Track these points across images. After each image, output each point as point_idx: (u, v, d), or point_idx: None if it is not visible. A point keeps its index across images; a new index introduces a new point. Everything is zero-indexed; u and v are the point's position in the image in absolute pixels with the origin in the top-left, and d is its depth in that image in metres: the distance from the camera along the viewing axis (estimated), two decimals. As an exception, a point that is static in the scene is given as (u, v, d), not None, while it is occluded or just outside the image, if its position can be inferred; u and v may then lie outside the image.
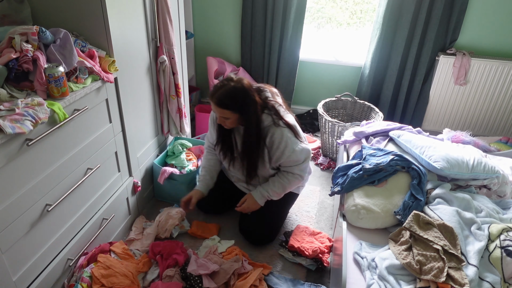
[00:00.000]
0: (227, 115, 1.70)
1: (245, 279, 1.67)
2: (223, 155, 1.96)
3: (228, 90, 1.67)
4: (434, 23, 2.71)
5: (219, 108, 1.69)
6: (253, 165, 1.85)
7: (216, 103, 1.68)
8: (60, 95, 1.33)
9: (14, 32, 1.28)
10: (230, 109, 1.68)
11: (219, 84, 1.70)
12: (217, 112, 1.72)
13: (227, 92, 1.66)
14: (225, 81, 1.70)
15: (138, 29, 1.82)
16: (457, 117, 3.04)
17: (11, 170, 1.19)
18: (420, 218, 1.41)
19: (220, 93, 1.67)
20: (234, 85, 1.67)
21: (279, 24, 2.94)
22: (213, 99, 1.69)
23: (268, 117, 1.77)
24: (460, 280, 1.20)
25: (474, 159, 1.67)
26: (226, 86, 1.67)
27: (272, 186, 1.89)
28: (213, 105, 1.70)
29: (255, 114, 1.72)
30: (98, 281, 1.52)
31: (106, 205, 1.77)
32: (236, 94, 1.67)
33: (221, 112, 1.70)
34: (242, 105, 1.68)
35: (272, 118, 1.77)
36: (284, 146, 1.76)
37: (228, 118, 1.72)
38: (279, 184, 1.88)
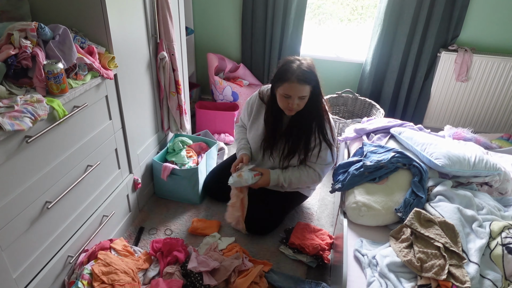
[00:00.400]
0: (306, 92, 1.69)
1: (246, 276, 1.67)
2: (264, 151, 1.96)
3: (306, 66, 1.68)
4: (435, 19, 2.69)
5: (301, 85, 1.65)
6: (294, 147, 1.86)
7: (299, 80, 1.65)
8: (60, 92, 1.32)
9: (13, 28, 1.27)
10: (310, 84, 1.68)
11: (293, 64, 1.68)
12: (297, 91, 1.67)
13: (306, 68, 1.67)
14: (296, 60, 1.70)
15: (138, 25, 1.81)
16: (458, 114, 3.03)
17: (11, 168, 1.18)
18: (421, 215, 1.41)
19: (301, 71, 1.65)
20: (308, 62, 1.71)
21: (279, 20, 2.93)
22: (293, 78, 1.65)
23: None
24: (461, 278, 1.20)
25: (475, 156, 1.66)
26: (300, 64, 1.68)
27: (290, 174, 1.91)
28: (293, 85, 1.65)
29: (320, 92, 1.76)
30: (99, 278, 1.52)
31: (106, 202, 1.77)
32: (312, 69, 1.70)
33: (301, 90, 1.67)
34: (316, 80, 1.72)
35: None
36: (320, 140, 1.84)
37: (304, 97, 1.70)
38: (297, 174, 1.92)
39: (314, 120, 1.82)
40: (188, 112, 2.45)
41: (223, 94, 3.07)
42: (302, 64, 1.68)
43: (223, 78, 3.13)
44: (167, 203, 2.25)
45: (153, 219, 2.12)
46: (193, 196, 2.22)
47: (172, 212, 2.19)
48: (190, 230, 2.03)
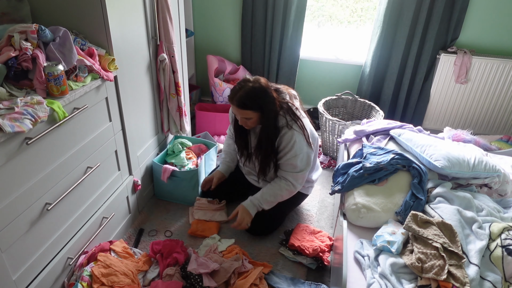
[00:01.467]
0: (249, 115, 1.74)
1: (246, 278, 1.67)
2: (240, 152, 2.03)
3: (247, 91, 1.70)
4: (435, 21, 2.70)
5: (240, 109, 1.72)
6: (265, 163, 1.88)
7: (237, 105, 1.71)
8: (60, 94, 1.32)
9: (13, 30, 1.27)
10: (252, 109, 1.72)
11: (237, 86, 1.74)
12: (238, 114, 1.76)
13: (247, 93, 1.70)
14: (242, 82, 1.74)
15: (138, 27, 1.82)
16: (458, 116, 3.04)
17: (11, 169, 1.18)
18: (418, 218, 1.40)
19: (240, 95, 1.70)
20: (253, 85, 1.71)
21: (279, 22, 2.94)
22: (233, 102, 1.72)
23: (282, 118, 1.80)
24: (461, 279, 1.20)
25: (475, 158, 1.66)
26: (244, 87, 1.71)
27: (262, 194, 1.90)
28: (234, 108, 1.74)
29: (274, 112, 1.77)
30: (98, 280, 1.52)
31: (106, 204, 1.77)
32: (256, 94, 1.71)
33: (242, 113, 1.74)
34: (263, 103, 1.72)
35: (286, 120, 1.79)
36: (289, 149, 1.78)
37: (250, 118, 1.76)
38: (270, 191, 1.89)
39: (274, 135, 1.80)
40: (188, 114, 2.45)
41: (223, 96, 3.08)
42: (244, 88, 1.70)
43: (223, 80, 3.13)
44: (167, 205, 2.25)
45: (153, 221, 2.12)
46: (193, 197, 2.22)
47: (171, 213, 2.19)
48: (190, 231, 2.03)
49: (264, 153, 1.85)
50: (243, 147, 1.99)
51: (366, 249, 1.44)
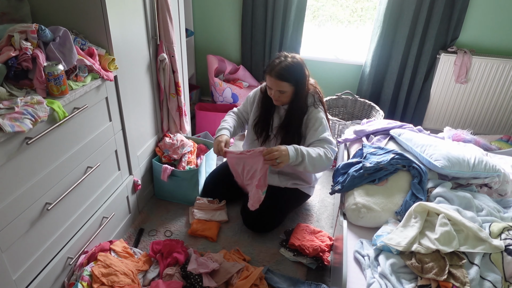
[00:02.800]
0: (285, 88, 1.77)
1: (246, 279, 1.67)
2: (259, 133, 2.01)
3: (288, 64, 1.75)
4: (435, 21, 2.70)
5: (279, 81, 1.75)
6: (288, 140, 1.86)
7: (277, 76, 1.75)
8: (60, 94, 1.32)
9: (14, 30, 1.27)
10: (289, 82, 1.76)
11: (276, 60, 1.78)
12: (275, 86, 1.78)
13: (287, 66, 1.75)
14: (282, 57, 1.79)
15: (138, 27, 1.82)
16: (458, 116, 3.04)
17: (11, 169, 1.18)
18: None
19: (281, 67, 1.75)
20: (292, 60, 1.77)
21: (279, 22, 2.94)
22: (272, 73, 1.76)
23: (311, 97, 1.88)
24: (461, 278, 1.20)
25: (475, 157, 1.66)
26: (284, 61, 1.76)
27: (306, 149, 1.73)
28: (272, 79, 1.77)
29: (306, 89, 1.84)
30: (98, 280, 1.52)
31: (106, 204, 1.77)
32: (295, 68, 1.77)
33: (279, 85, 1.77)
34: (299, 78, 1.78)
35: (314, 99, 1.88)
36: (319, 125, 1.84)
37: (285, 92, 1.79)
38: (313, 150, 1.74)
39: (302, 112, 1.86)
40: (188, 113, 2.45)
41: (223, 96, 3.08)
42: (284, 61, 1.76)
43: (223, 80, 3.13)
44: (167, 205, 2.25)
45: (153, 221, 2.12)
46: (193, 197, 2.22)
47: (172, 213, 2.19)
48: (190, 231, 2.03)
49: (290, 128, 1.87)
50: (263, 129, 1.99)
51: (366, 249, 1.44)
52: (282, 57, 1.80)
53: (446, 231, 1.33)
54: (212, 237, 1.99)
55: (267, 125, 1.98)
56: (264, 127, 1.99)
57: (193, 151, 2.29)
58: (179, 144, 2.21)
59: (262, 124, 1.99)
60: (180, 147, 2.21)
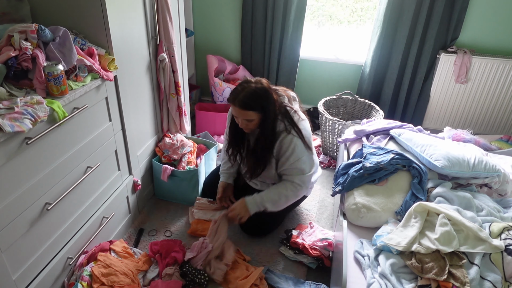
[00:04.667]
0: (251, 116, 1.69)
1: (247, 278, 1.67)
2: (233, 155, 1.95)
3: (250, 91, 1.66)
4: (435, 21, 2.70)
5: (243, 110, 1.67)
6: (259, 165, 1.83)
7: (240, 105, 1.66)
8: (60, 94, 1.32)
9: (13, 30, 1.27)
10: (255, 110, 1.67)
11: (239, 87, 1.69)
12: (240, 115, 1.70)
13: (250, 94, 1.66)
14: (244, 83, 1.70)
15: (138, 27, 1.82)
16: (458, 116, 3.04)
17: (11, 169, 1.18)
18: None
19: (243, 96, 1.66)
20: (255, 86, 1.68)
21: (279, 22, 2.94)
22: (235, 103, 1.67)
23: (281, 123, 1.76)
24: (461, 278, 1.20)
25: (475, 157, 1.66)
26: (247, 88, 1.67)
27: (267, 193, 1.83)
28: (236, 109, 1.68)
29: (274, 114, 1.73)
30: (98, 280, 1.52)
31: (106, 204, 1.77)
32: (259, 95, 1.67)
33: (244, 114, 1.68)
34: (265, 105, 1.68)
35: (285, 125, 1.76)
36: (290, 153, 1.75)
37: (252, 120, 1.70)
38: (275, 191, 1.82)
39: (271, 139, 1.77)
40: (188, 113, 2.45)
41: (223, 96, 3.08)
42: (247, 88, 1.66)
43: (223, 80, 3.13)
44: (167, 205, 2.25)
45: (152, 221, 2.12)
46: (193, 197, 2.22)
47: (171, 213, 2.19)
48: (190, 231, 2.03)
49: (259, 154, 1.81)
50: (238, 150, 1.94)
51: (366, 249, 1.44)
52: (245, 83, 1.70)
53: (446, 231, 1.33)
54: (212, 237, 1.99)
55: (238, 149, 1.93)
56: (235, 151, 1.94)
57: (193, 151, 2.28)
58: (179, 144, 2.21)
59: (233, 150, 1.94)
60: (180, 147, 2.20)
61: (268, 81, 1.75)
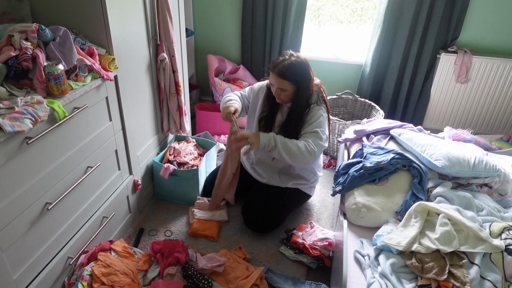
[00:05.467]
0: (285, 86, 1.76)
1: (247, 278, 1.67)
2: (263, 129, 1.99)
3: (290, 63, 1.74)
4: (435, 20, 2.70)
5: (280, 79, 1.74)
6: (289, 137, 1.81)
7: (278, 74, 1.74)
8: (60, 93, 1.32)
9: (14, 29, 1.27)
10: (291, 81, 1.75)
11: (281, 57, 1.78)
12: (276, 83, 1.77)
13: (290, 65, 1.74)
14: (287, 55, 1.79)
15: (138, 27, 1.82)
16: (458, 115, 3.03)
17: (11, 169, 1.18)
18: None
19: (283, 65, 1.74)
20: (296, 59, 1.76)
21: (279, 21, 2.94)
22: (275, 70, 1.75)
23: (315, 95, 1.88)
24: (462, 278, 1.20)
25: (475, 157, 1.66)
26: (288, 59, 1.75)
27: (282, 137, 1.75)
28: (274, 76, 1.76)
29: (309, 89, 1.83)
30: (99, 280, 1.52)
31: (106, 204, 1.77)
32: (298, 68, 1.75)
33: (280, 83, 1.76)
34: (301, 78, 1.77)
35: (318, 97, 1.88)
36: (315, 120, 1.83)
37: (285, 90, 1.78)
38: (290, 140, 1.75)
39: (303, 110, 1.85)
40: (188, 113, 2.45)
41: (223, 96, 3.08)
42: (288, 60, 1.75)
43: (223, 80, 3.13)
44: (167, 204, 2.25)
45: (153, 221, 2.12)
46: (193, 197, 2.22)
47: (172, 213, 2.19)
48: (190, 231, 2.03)
49: (290, 126, 1.86)
50: (267, 126, 1.96)
51: (366, 248, 1.44)
52: (286, 55, 1.79)
53: (446, 231, 1.33)
54: (213, 236, 1.99)
55: (271, 122, 1.97)
56: (268, 123, 1.98)
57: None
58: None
59: (266, 121, 1.98)
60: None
61: (307, 59, 1.82)
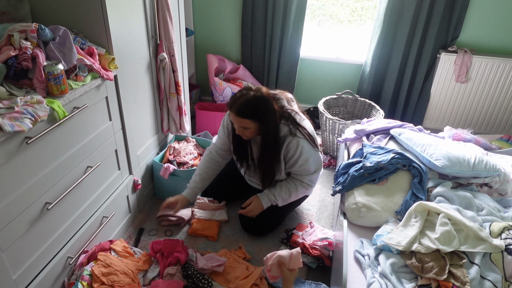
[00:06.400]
0: (247, 124, 1.68)
1: (247, 278, 1.67)
2: (239, 164, 1.98)
3: (248, 99, 1.65)
4: (435, 20, 2.70)
5: (239, 118, 1.66)
6: (270, 173, 1.86)
7: (236, 113, 1.65)
8: (60, 93, 1.32)
9: (13, 29, 1.27)
10: (251, 119, 1.66)
11: (238, 93, 1.69)
12: (236, 122, 1.70)
13: (247, 102, 1.64)
14: (244, 90, 1.69)
15: (138, 27, 1.81)
16: (458, 115, 3.03)
17: (11, 169, 1.18)
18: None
19: (240, 103, 1.64)
20: (254, 94, 1.66)
21: (279, 21, 2.93)
22: (232, 109, 1.66)
23: (284, 127, 1.76)
24: (462, 278, 1.20)
25: (475, 157, 1.66)
26: (245, 95, 1.66)
27: (279, 191, 1.89)
28: (233, 115, 1.68)
29: (274, 123, 1.72)
30: (98, 279, 1.52)
31: (106, 203, 1.77)
32: (257, 103, 1.65)
33: (241, 122, 1.68)
34: (262, 114, 1.67)
35: (289, 128, 1.76)
36: (298, 156, 1.76)
37: (248, 128, 1.70)
38: (286, 189, 1.89)
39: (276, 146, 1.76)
40: (188, 113, 2.45)
41: (223, 95, 3.07)
42: (245, 95, 1.65)
43: (223, 79, 3.13)
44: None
45: (153, 220, 2.12)
46: (193, 197, 2.22)
47: (172, 213, 2.19)
48: (190, 231, 2.03)
49: (268, 165, 1.82)
50: (243, 158, 1.93)
51: (366, 248, 1.44)
52: (244, 90, 1.69)
53: (446, 231, 1.33)
54: (213, 236, 1.99)
55: (245, 155, 1.92)
56: (243, 157, 1.93)
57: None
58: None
59: (240, 154, 1.93)
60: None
61: (268, 89, 1.73)
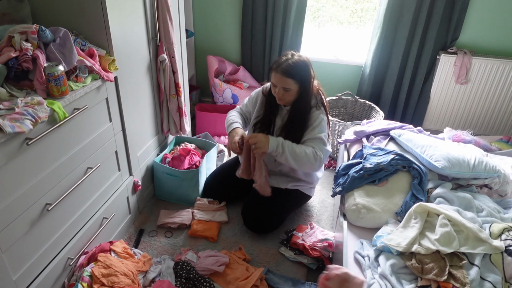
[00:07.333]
0: (290, 85, 1.76)
1: (247, 279, 1.67)
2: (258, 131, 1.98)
3: (295, 61, 1.76)
4: (435, 21, 2.70)
5: (284, 77, 1.75)
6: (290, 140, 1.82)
7: (283, 72, 1.74)
8: (60, 94, 1.32)
9: (14, 30, 1.28)
10: (295, 79, 1.75)
11: (283, 57, 1.79)
12: (280, 83, 1.77)
13: (294, 63, 1.75)
14: (289, 54, 1.80)
15: (138, 28, 1.82)
16: (458, 116, 3.04)
17: (11, 170, 1.18)
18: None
19: (288, 64, 1.75)
20: (299, 58, 1.78)
21: (279, 22, 2.94)
22: (278, 70, 1.75)
23: (314, 98, 1.89)
24: (461, 279, 1.20)
25: (475, 158, 1.66)
26: (292, 58, 1.77)
27: (289, 143, 1.77)
28: (278, 76, 1.76)
29: (310, 89, 1.84)
30: (99, 280, 1.52)
31: (106, 205, 1.77)
32: (302, 66, 1.77)
33: (285, 82, 1.76)
34: (305, 78, 1.78)
35: (316, 101, 1.89)
36: (317, 125, 1.83)
37: (289, 90, 1.78)
38: (296, 146, 1.78)
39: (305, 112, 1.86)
40: (188, 114, 2.45)
41: (223, 97, 3.08)
42: (291, 59, 1.76)
43: (223, 81, 3.13)
44: (167, 205, 2.25)
45: (153, 221, 2.12)
46: (193, 198, 2.22)
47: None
48: (190, 232, 2.03)
49: (293, 129, 1.86)
50: (262, 129, 1.96)
51: (366, 249, 1.44)
52: (289, 54, 1.80)
53: (446, 232, 1.33)
54: (213, 237, 1.99)
55: (267, 126, 1.97)
56: (263, 127, 1.97)
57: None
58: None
59: (262, 125, 1.98)
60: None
61: (308, 58, 1.83)
